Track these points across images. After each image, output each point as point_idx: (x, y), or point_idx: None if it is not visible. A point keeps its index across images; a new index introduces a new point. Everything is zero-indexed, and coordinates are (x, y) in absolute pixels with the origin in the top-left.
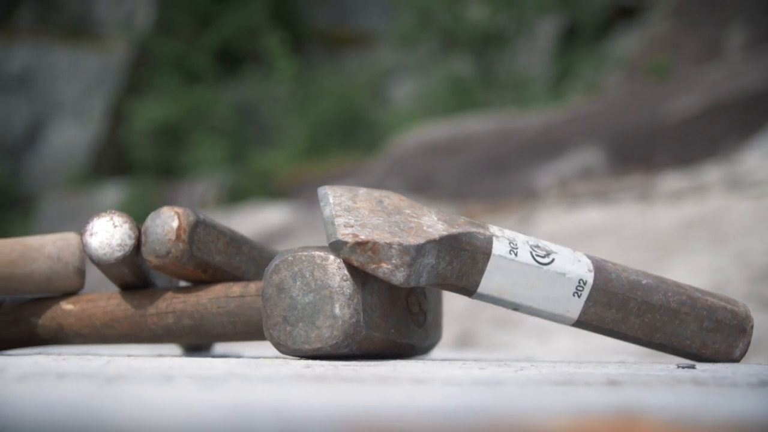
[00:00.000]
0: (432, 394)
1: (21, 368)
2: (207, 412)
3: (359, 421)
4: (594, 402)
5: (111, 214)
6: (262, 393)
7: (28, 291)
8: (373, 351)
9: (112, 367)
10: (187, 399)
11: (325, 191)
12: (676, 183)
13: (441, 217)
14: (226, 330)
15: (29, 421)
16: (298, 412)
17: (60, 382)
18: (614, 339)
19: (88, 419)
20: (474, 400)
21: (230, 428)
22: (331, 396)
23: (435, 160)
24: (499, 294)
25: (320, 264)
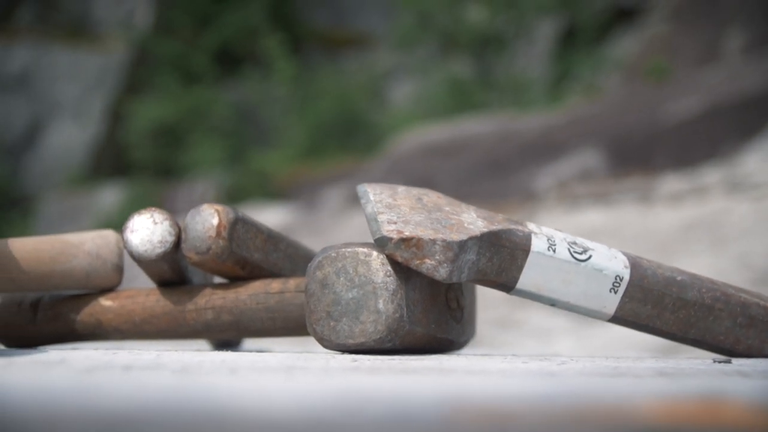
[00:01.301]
0: (500, 383)
1: (82, 361)
2: (313, 401)
3: (464, 407)
4: (664, 390)
5: (151, 211)
6: (340, 383)
7: (68, 287)
8: (414, 346)
9: (172, 359)
10: (289, 388)
11: (364, 189)
12: (676, 185)
13: (480, 214)
14: (265, 326)
15: (108, 411)
16: (403, 400)
17: (127, 373)
18: (649, 334)
19: (182, 409)
20: (560, 387)
21: (342, 416)
22: (410, 386)
23: (434, 161)
24: (537, 290)
25: (364, 260)
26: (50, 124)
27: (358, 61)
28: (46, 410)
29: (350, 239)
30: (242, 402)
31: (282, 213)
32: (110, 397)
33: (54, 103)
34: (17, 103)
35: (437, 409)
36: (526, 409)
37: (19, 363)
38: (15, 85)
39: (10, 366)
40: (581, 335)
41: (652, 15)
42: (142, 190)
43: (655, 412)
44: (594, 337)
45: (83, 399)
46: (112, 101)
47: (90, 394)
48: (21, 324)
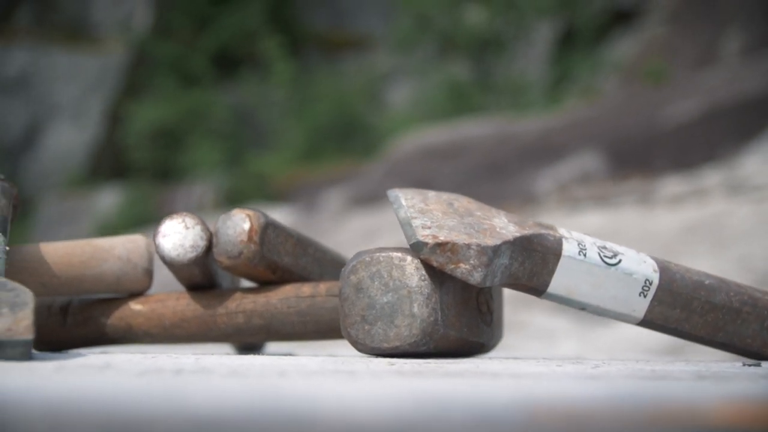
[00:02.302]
0: (565, 386)
1: (128, 364)
2: (392, 403)
3: (542, 410)
4: (714, 393)
5: (183, 216)
6: (412, 386)
7: (98, 291)
8: (447, 349)
9: (215, 363)
10: (355, 391)
11: (395, 194)
12: (676, 187)
13: (511, 218)
14: (296, 329)
15: (187, 414)
16: (484, 402)
17: (178, 376)
18: (677, 338)
19: (267, 413)
20: (620, 390)
21: (422, 419)
22: (459, 389)
23: (433, 164)
24: (568, 294)
25: (398, 264)
26: (49, 126)
27: (356, 64)
28: (104, 413)
29: (350, 241)
30: (325, 405)
31: (281, 215)
32: (184, 401)
33: (53, 104)
34: (16, 105)
35: (517, 412)
36: (603, 412)
37: (70, 367)
38: (14, 86)
39: (62, 369)
40: (584, 337)
41: (651, 17)
42: (141, 192)
43: (728, 414)
44: (597, 339)
45: (154, 402)
46: (110, 103)
47: (160, 397)
48: (51, 327)
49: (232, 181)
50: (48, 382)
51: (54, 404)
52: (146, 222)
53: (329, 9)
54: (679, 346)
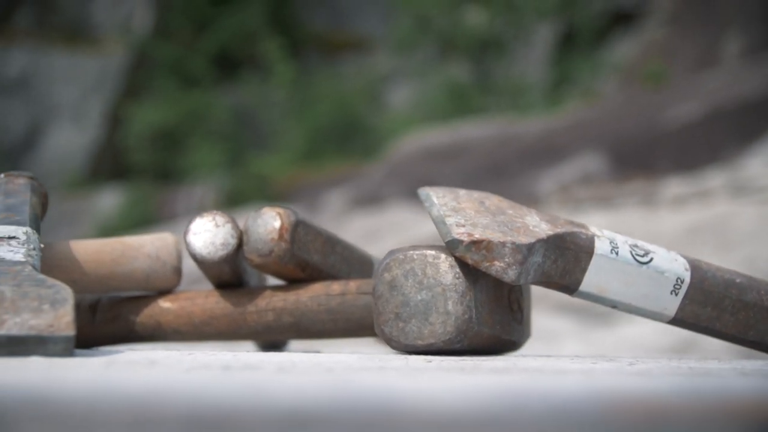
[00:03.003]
0: (630, 381)
1: (173, 361)
2: (465, 398)
3: (618, 404)
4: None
5: (213, 214)
6: (483, 382)
7: (128, 289)
8: (479, 346)
9: (261, 360)
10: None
11: (427, 192)
12: (679, 188)
13: (542, 217)
14: (326, 327)
15: (234, 407)
16: (562, 396)
17: (226, 373)
18: (708, 336)
19: (348, 407)
20: (681, 386)
21: (505, 413)
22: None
23: (434, 165)
24: (600, 292)
25: (432, 262)
26: (49, 128)
27: (356, 65)
28: (157, 407)
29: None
30: (407, 399)
31: None
32: (266, 396)
33: (53, 106)
34: (16, 107)
35: (595, 405)
36: (679, 406)
37: (119, 362)
38: (14, 88)
39: (112, 365)
40: (587, 338)
41: (650, 19)
42: (141, 194)
43: None
44: (599, 339)
45: (237, 397)
46: (110, 105)
47: (197, 391)
48: (80, 325)
49: (232, 182)
50: (104, 377)
51: (133, 401)
52: (147, 223)
53: (329, 10)
54: (683, 347)
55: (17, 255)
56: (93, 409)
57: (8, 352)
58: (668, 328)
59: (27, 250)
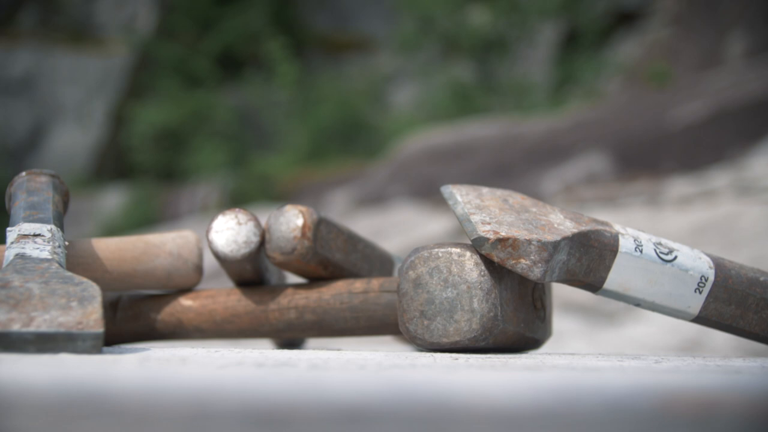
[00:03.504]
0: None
1: (203, 358)
2: (531, 394)
3: (673, 399)
4: None
5: (235, 212)
6: (536, 378)
7: (149, 287)
8: (503, 344)
9: (290, 357)
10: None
11: (450, 190)
12: (685, 188)
13: (566, 215)
14: (349, 325)
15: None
16: (614, 392)
17: (260, 369)
18: (731, 334)
19: (408, 401)
20: (736, 382)
21: (555, 410)
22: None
23: (438, 165)
24: (624, 290)
25: (457, 260)
26: (53, 128)
27: (360, 65)
28: (196, 402)
29: None
30: (464, 395)
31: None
32: (322, 392)
33: (56, 106)
34: (20, 107)
35: (650, 400)
36: (732, 400)
37: (154, 359)
38: (18, 88)
39: (145, 362)
40: (593, 338)
41: (654, 19)
42: (145, 193)
43: None
44: (605, 339)
45: (291, 393)
46: (114, 105)
47: (236, 388)
48: None
49: (236, 182)
50: (151, 374)
51: (189, 396)
52: (151, 223)
53: (332, 11)
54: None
55: (43, 252)
56: (150, 405)
57: (37, 349)
58: (673, 328)
59: (52, 248)
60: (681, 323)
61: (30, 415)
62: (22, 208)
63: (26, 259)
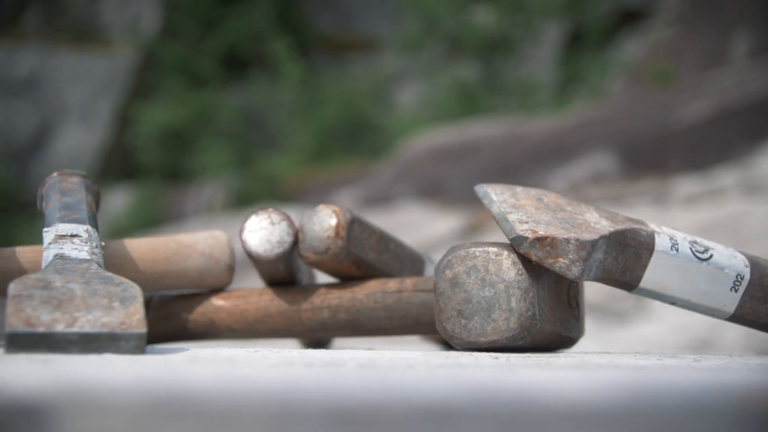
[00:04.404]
0: (730, 378)
1: (249, 357)
2: (609, 392)
3: (752, 398)
4: None
5: (268, 212)
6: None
7: (181, 287)
8: (540, 343)
9: (336, 357)
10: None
11: (484, 189)
12: (691, 187)
13: (601, 214)
14: (382, 324)
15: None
16: (694, 390)
17: (309, 369)
18: (766, 333)
19: (498, 399)
20: None
21: (635, 408)
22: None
23: (443, 165)
24: (660, 289)
25: (495, 259)
26: (58, 128)
27: (364, 65)
28: (327, 403)
29: None
30: (550, 394)
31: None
32: (406, 391)
33: (61, 107)
34: (25, 107)
35: (728, 399)
36: None
37: (200, 359)
38: (22, 89)
39: (195, 362)
40: (602, 338)
41: (657, 19)
42: (150, 194)
43: None
44: (614, 339)
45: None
46: (119, 105)
47: (281, 387)
48: None
49: (241, 182)
50: (199, 374)
51: (271, 396)
52: (156, 223)
53: (336, 10)
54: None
55: (82, 253)
56: (233, 405)
57: (81, 349)
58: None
59: (90, 248)
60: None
61: (116, 415)
62: (56, 208)
63: (66, 259)
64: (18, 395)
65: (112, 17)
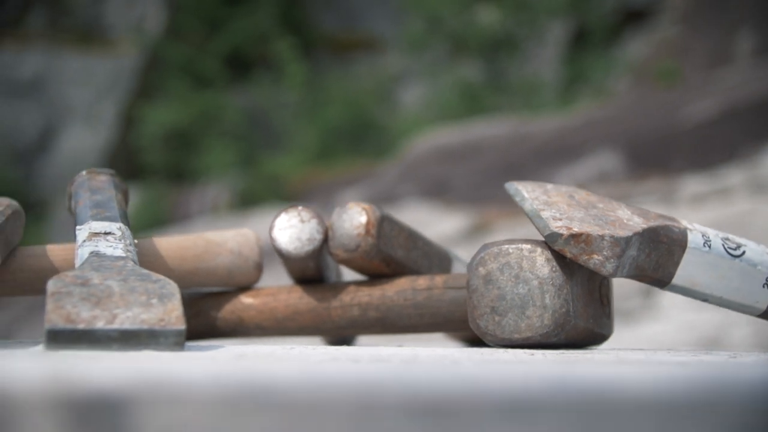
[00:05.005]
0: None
1: (293, 353)
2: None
3: None
4: None
5: (298, 209)
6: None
7: (210, 285)
8: (573, 340)
9: (380, 353)
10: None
11: (515, 187)
12: (698, 186)
13: (633, 211)
14: (412, 322)
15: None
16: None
17: (356, 364)
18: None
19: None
20: None
21: (710, 401)
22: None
23: (448, 165)
24: (692, 285)
25: (528, 256)
26: (63, 129)
27: (368, 65)
28: (407, 397)
29: None
30: (615, 388)
31: None
32: (484, 384)
33: (66, 108)
34: (30, 109)
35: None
36: None
37: (248, 356)
38: (28, 90)
39: (243, 358)
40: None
41: (662, 17)
42: (155, 194)
43: None
44: (622, 338)
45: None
46: (123, 106)
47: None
48: None
49: (245, 182)
50: (275, 369)
51: (352, 389)
52: (161, 223)
53: (340, 11)
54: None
55: (117, 250)
56: (315, 398)
57: (120, 346)
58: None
59: (125, 246)
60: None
61: (197, 408)
62: (88, 206)
63: (102, 257)
64: (99, 389)
65: (117, 18)
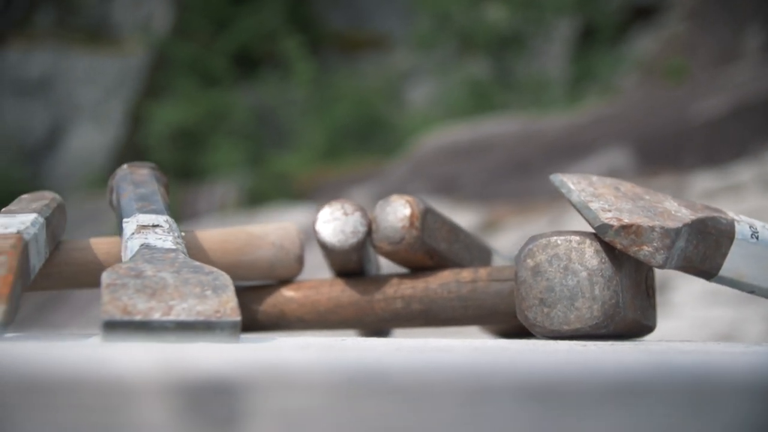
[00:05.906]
0: None
1: (357, 343)
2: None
3: None
4: None
5: (342, 202)
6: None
7: (252, 278)
8: (621, 331)
9: (441, 345)
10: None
11: (560, 179)
12: (709, 183)
13: (680, 202)
14: (456, 314)
15: None
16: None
17: (423, 355)
18: None
19: None
20: None
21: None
22: None
23: (457, 162)
24: (739, 277)
25: (577, 247)
26: (70, 128)
27: (376, 63)
28: (471, 378)
29: None
30: (720, 371)
31: (306, 215)
32: (593, 366)
33: (74, 106)
34: (37, 107)
35: None
36: None
37: (313, 345)
38: (35, 89)
39: (308, 348)
40: None
41: (670, 14)
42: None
43: None
44: None
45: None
46: (131, 104)
47: None
48: None
49: (253, 180)
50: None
51: (463, 373)
52: None
53: (348, 8)
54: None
55: (166, 243)
56: (428, 382)
57: (176, 337)
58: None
59: (174, 238)
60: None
61: (313, 393)
62: (132, 199)
63: (152, 249)
64: (213, 374)
65: (124, 17)
